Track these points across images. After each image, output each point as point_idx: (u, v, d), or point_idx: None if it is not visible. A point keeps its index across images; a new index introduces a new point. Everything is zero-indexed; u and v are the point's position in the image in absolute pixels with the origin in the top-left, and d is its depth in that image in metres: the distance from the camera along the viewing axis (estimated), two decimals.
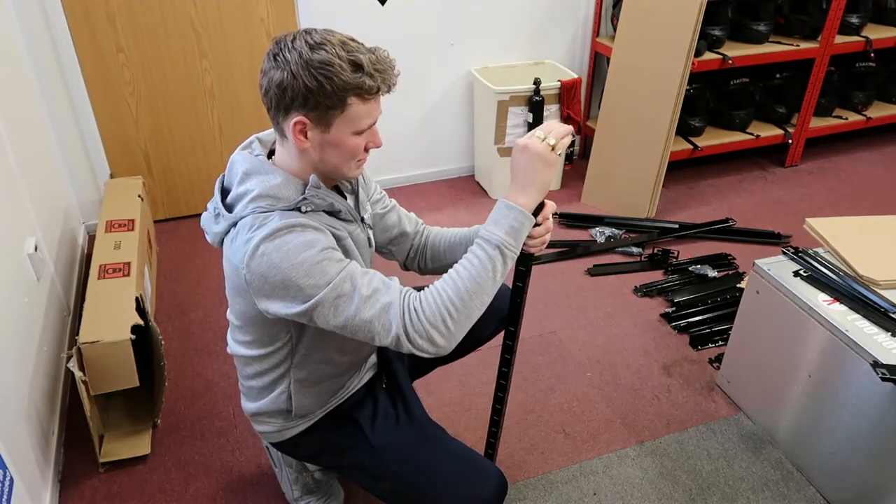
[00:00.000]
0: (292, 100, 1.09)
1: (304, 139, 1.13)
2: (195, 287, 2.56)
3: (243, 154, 1.22)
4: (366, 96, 1.11)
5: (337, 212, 1.22)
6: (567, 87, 2.95)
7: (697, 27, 2.65)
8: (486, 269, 1.14)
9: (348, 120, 1.12)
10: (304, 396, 1.35)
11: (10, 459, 1.46)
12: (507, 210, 1.16)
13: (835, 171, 3.49)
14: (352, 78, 1.08)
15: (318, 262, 1.10)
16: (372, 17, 2.85)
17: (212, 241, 1.24)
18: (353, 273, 1.13)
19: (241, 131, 2.90)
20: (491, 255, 1.15)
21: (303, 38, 1.09)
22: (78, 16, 2.49)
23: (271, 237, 1.10)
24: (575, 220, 2.99)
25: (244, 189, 1.17)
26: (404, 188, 3.30)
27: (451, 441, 1.40)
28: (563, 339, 2.31)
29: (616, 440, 1.93)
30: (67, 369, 1.77)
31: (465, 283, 1.13)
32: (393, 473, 1.34)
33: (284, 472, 1.64)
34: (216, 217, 1.21)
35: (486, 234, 1.16)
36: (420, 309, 1.13)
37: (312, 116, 1.11)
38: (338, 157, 1.16)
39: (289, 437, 1.41)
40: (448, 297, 1.13)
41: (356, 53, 1.09)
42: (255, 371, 1.35)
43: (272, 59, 1.11)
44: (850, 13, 3.21)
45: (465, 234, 1.43)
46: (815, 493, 1.77)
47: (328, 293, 1.10)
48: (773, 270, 1.84)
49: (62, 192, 2.63)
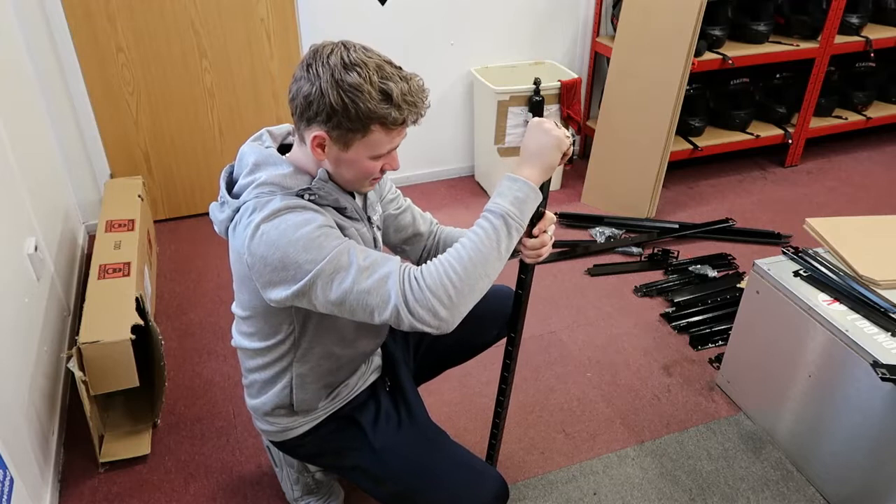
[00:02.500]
0: (316, 114, 1.08)
1: (321, 152, 1.13)
2: (195, 287, 2.56)
3: (253, 146, 1.22)
4: (390, 126, 1.10)
5: (342, 208, 1.21)
6: (567, 87, 2.95)
7: (697, 27, 2.65)
8: (491, 239, 1.12)
9: (368, 145, 1.12)
10: (306, 391, 1.35)
11: (10, 459, 1.46)
12: (511, 182, 1.15)
13: (835, 171, 3.49)
14: (379, 107, 1.07)
15: (316, 237, 1.09)
16: (372, 17, 2.85)
17: (218, 231, 1.24)
18: (350, 247, 1.12)
19: (241, 131, 2.90)
20: (496, 224, 1.12)
21: (339, 53, 1.08)
22: (78, 16, 2.49)
23: (270, 217, 1.10)
24: (575, 220, 2.99)
25: (252, 178, 1.17)
26: (404, 188, 3.30)
27: (453, 445, 1.39)
28: (563, 339, 2.31)
29: (616, 440, 1.93)
30: (67, 369, 1.77)
31: (469, 252, 1.11)
32: (394, 476, 1.34)
33: (285, 472, 1.64)
34: (222, 205, 1.21)
35: (490, 206, 1.15)
36: (421, 278, 1.10)
37: (333, 135, 1.10)
38: (352, 174, 1.17)
39: (291, 437, 1.41)
40: (451, 265, 1.10)
41: (389, 82, 1.07)
42: (258, 364, 1.35)
43: (305, 68, 1.09)
44: (850, 13, 3.21)
45: None
46: (815, 493, 1.77)
47: (325, 266, 1.08)
48: (773, 270, 1.84)
49: (62, 192, 2.63)
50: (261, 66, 2.77)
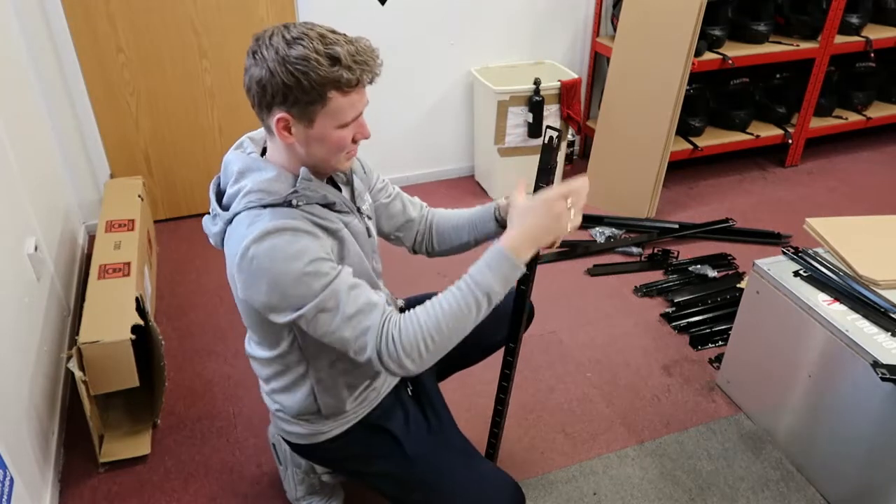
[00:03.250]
0: (273, 97, 1.08)
1: (288, 135, 1.13)
2: (195, 287, 2.56)
3: (236, 154, 1.22)
4: (345, 89, 1.09)
5: (331, 203, 1.21)
6: (567, 87, 2.95)
7: (697, 27, 2.65)
8: (471, 311, 1.15)
9: (330, 114, 1.11)
10: (329, 396, 1.34)
11: (10, 459, 1.46)
12: (505, 261, 1.16)
13: (835, 171, 3.49)
14: (329, 72, 1.06)
15: (305, 274, 1.09)
16: (372, 17, 2.85)
17: (214, 243, 1.24)
18: (338, 290, 1.12)
19: (241, 131, 2.85)
20: (478, 299, 1.15)
21: (280, 33, 1.08)
22: (78, 16, 2.49)
23: (261, 239, 1.09)
24: None
25: (238, 187, 1.17)
26: (404, 188, 3.27)
27: (478, 453, 1.42)
28: (563, 339, 2.31)
29: (616, 440, 1.93)
30: (67, 369, 1.77)
31: (448, 321, 1.14)
32: (424, 484, 1.34)
33: (290, 472, 1.63)
34: (214, 218, 1.21)
35: (478, 278, 1.16)
36: (398, 338, 1.13)
37: (294, 112, 1.10)
38: (324, 150, 1.15)
39: (320, 440, 1.39)
40: (428, 330, 1.14)
41: (334, 46, 1.07)
42: (272, 372, 1.35)
43: (252, 56, 1.09)
44: (850, 13, 3.21)
45: (469, 216, 1.44)
46: (814, 493, 1.77)
47: (311, 308, 1.11)
48: (773, 270, 1.84)
49: (62, 192, 2.63)
50: None
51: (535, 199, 1.20)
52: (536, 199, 1.20)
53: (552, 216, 1.18)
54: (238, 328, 2.34)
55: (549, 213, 1.18)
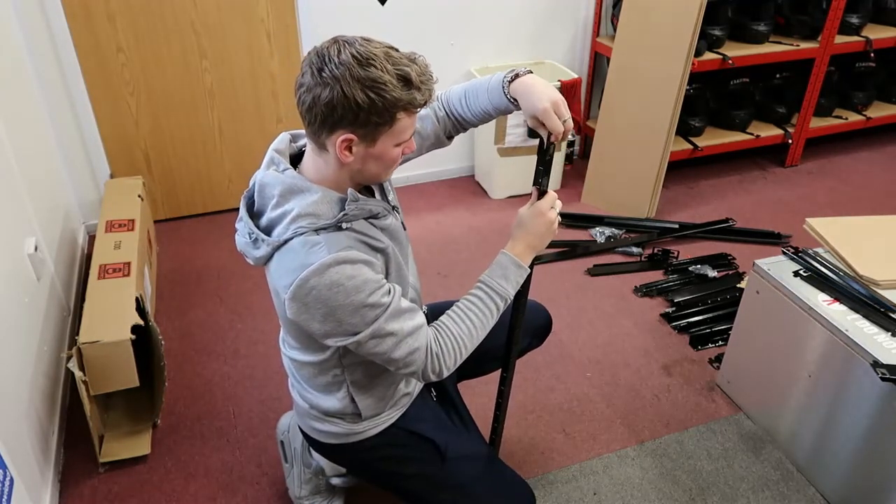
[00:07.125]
0: (342, 117, 1.06)
1: (348, 154, 1.11)
2: (195, 287, 2.56)
3: (272, 174, 1.18)
4: (412, 110, 1.11)
5: (375, 215, 1.21)
6: (567, 87, 2.95)
7: (697, 27, 2.65)
8: (493, 317, 1.30)
9: (395, 133, 1.12)
10: (367, 397, 1.34)
11: (10, 459, 1.46)
12: (516, 269, 1.30)
13: (835, 171, 3.49)
14: (403, 94, 1.07)
15: (364, 306, 1.12)
16: (372, 17, 2.85)
17: (253, 264, 1.22)
18: (391, 317, 1.16)
19: (241, 131, 2.90)
20: (498, 306, 1.30)
21: (348, 51, 1.05)
22: (78, 16, 2.49)
23: (321, 273, 1.09)
24: (575, 220, 2.99)
25: (283, 211, 1.14)
26: (404, 188, 3.30)
27: (498, 458, 1.54)
28: (563, 339, 2.31)
29: (616, 440, 1.93)
30: (67, 369, 1.77)
31: (477, 330, 1.28)
32: (457, 485, 1.40)
33: (296, 470, 1.63)
34: (254, 242, 1.18)
35: (498, 289, 1.28)
36: (441, 354, 1.23)
37: (360, 133, 1.09)
38: (379, 167, 1.16)
39: (351, 441, 1.38)
40: (462, 342, 1.26)
41: (403, 67, 1.07)
42: (310, 373, 1.34)
43: (316, 74, 1.06)
44: (850, 13, 3.21)
45: (475, 86, 1.38)
46: (815, 493, 1.77)
47: (365, 335, 1.14)
48: (773, 270, 1.84)
49: (62, 192, 2.63)
50: (261, 66, 2.77)
51: (531, 211, 1.31)
52: (534, 212, 1.31)
53: (546, 225, 1.31)
54: (238, 328, 2.34)
55: (545, 223, 1.31)
